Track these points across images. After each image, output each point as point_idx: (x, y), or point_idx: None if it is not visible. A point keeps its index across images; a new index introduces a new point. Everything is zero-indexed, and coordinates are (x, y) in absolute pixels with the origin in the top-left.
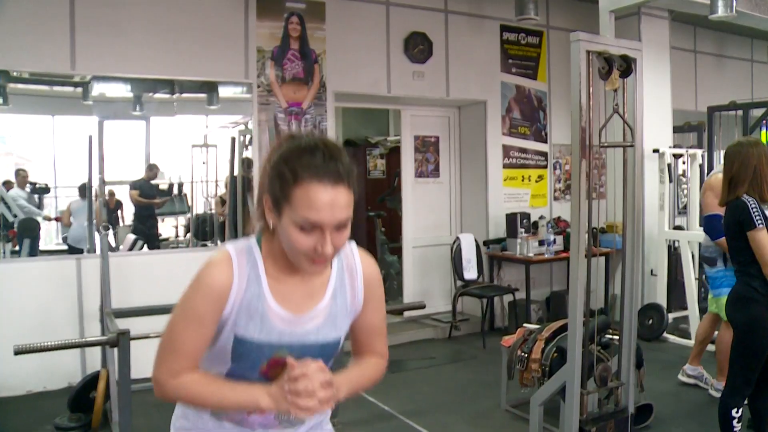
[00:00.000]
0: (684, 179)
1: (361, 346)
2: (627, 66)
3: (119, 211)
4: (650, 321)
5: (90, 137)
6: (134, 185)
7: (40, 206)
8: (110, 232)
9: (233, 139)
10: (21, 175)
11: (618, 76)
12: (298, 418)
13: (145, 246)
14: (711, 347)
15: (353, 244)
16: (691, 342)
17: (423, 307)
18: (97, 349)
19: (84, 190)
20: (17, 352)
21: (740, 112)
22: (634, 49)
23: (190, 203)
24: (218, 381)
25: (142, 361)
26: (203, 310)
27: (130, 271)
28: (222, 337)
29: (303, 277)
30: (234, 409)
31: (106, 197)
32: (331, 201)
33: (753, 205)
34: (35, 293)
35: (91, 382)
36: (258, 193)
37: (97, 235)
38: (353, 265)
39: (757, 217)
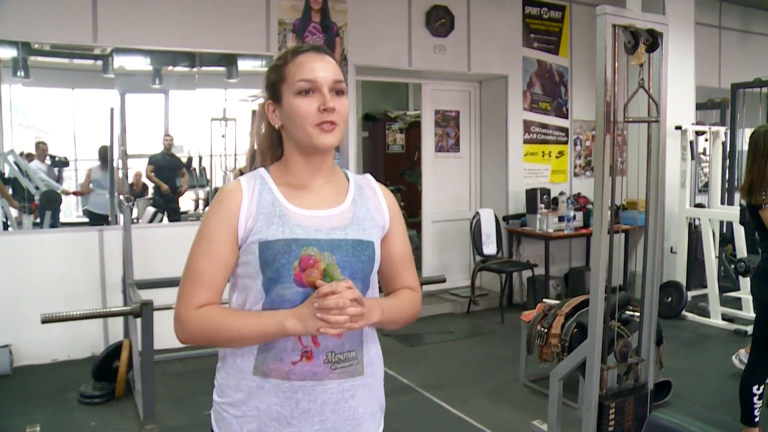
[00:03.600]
0: (705, 157)
1: (391, 279)
2: (653, 40)
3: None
4: (669, 299)
5: (111, 109)
6: (151, 160)
7: (59, 179)
8: (132, 204)
9: (253, 113)
10: (41, 148)
11: (644, 50)
12: (335, 334)
13: (165, 219)
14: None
15: (369, 175)
16: (710, 320)
17: (443, 280)
18: (120, 320)
19: (105, 158)
20: (44, 321)
21: (765, 90)
22: (660, 23)
23: (209, 177)
24: (242, 310)
25: (163, 332)
26: (214, 229)
27: (151, 243)
28: (245, 255)
29: (317, 189)
30: (259, 338)
31: (128, 169)
32: (320, 62)
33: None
34: (58, 264)
35: (114, 351)
36: (258, 121)
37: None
38: (372, 186)
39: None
